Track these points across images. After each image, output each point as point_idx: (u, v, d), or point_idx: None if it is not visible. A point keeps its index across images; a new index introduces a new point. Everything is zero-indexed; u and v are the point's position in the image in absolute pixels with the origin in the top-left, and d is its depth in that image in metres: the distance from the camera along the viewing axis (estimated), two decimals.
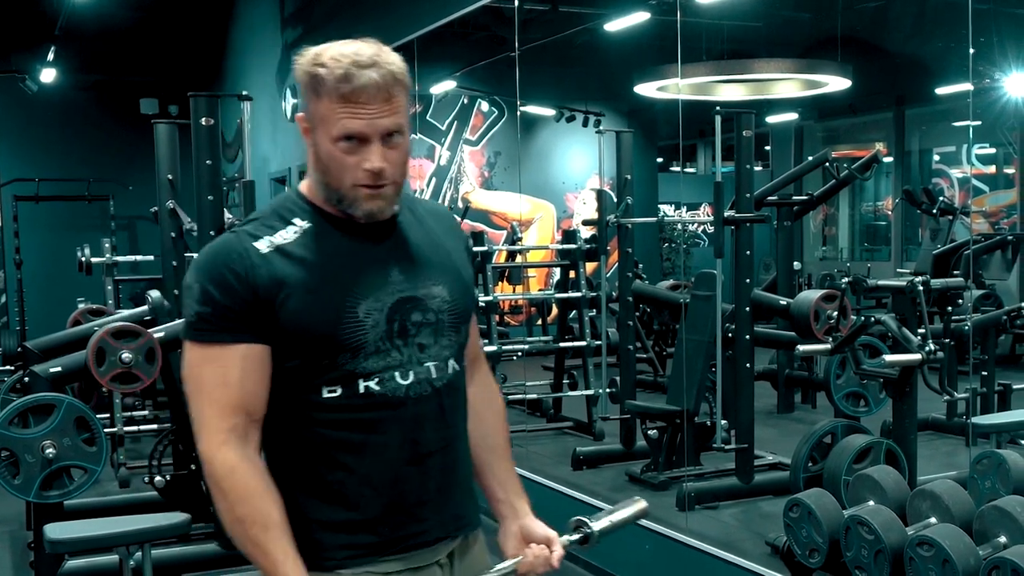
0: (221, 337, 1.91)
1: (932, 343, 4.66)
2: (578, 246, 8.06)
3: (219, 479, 1.89)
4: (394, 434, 1.99)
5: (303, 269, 1.94)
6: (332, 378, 1.95)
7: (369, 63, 1.90)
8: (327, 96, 1.89)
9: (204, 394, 1.92)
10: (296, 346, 1.93)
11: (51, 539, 3.90)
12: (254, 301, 1.91)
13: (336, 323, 1.94)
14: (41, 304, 12.71)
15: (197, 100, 5.36)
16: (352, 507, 1.98)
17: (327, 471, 1.97)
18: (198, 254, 2.02)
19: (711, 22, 9.05)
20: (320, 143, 1.93)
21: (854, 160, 8.58)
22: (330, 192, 1.97)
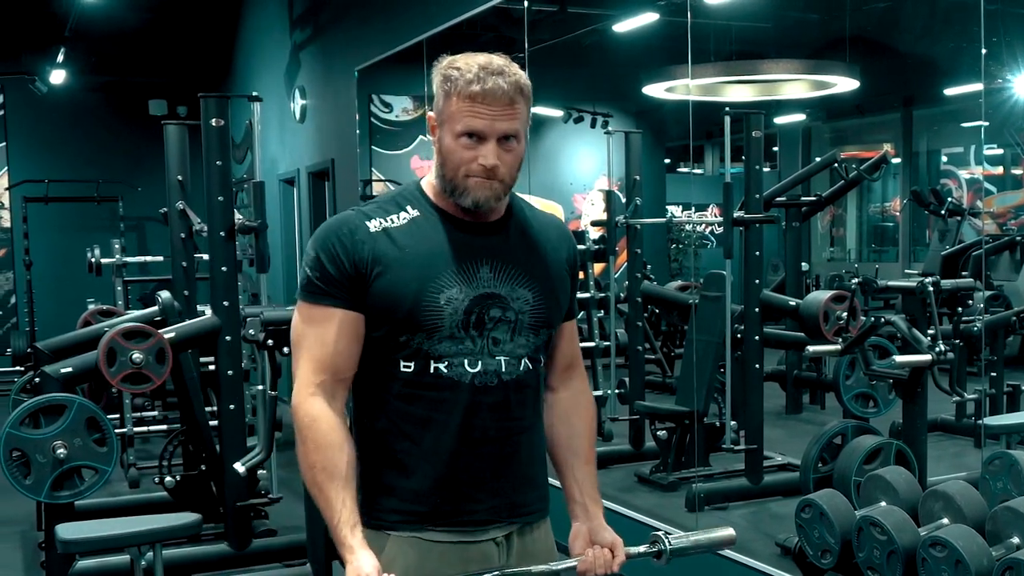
0: (324, 300, 2.15)
1: (942, 344, 4.65)
2: (587, 247, 8.05)
3: (302, 427, 2.13)
4: (454, 416, 2.17)
5: (401, 251, 2.15)
6: (408, 354, 2.16)
7: (498, 71, 2.12)
8: (456, 96, 2.11)
9: (303, 349, 2.17)
10: (381, 319, 2.15)
11: (63, 539, 3.91)
12: (354, 273, 2.13)
13: (416, 304, 2.13)
14: (51, 305, 12.72)
15: (207, 101, 5.38)
16: (410, 476, 2.18)
17: (395, 439, 2.18)
18: (321, 225, 2.21)
19: (719, 23, 9.03)
20: (444, 138, 2.16)
21: (862, 161, 8.58)
22: (445, 182, 2.18)
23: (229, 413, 5.42)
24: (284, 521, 6.03)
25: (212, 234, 5.43)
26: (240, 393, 5.47)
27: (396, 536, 2.18)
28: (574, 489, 2.36)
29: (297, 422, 2.13)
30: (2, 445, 4.82)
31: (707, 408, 6.24)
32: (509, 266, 2.21)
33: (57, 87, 12.97)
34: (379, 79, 8.71)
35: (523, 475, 2.27)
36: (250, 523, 5.60)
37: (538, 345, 2.25)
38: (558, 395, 2.40)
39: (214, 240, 5.41)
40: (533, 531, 2.32)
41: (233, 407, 5.41)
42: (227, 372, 5.41)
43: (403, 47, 7.68)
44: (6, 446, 4.83)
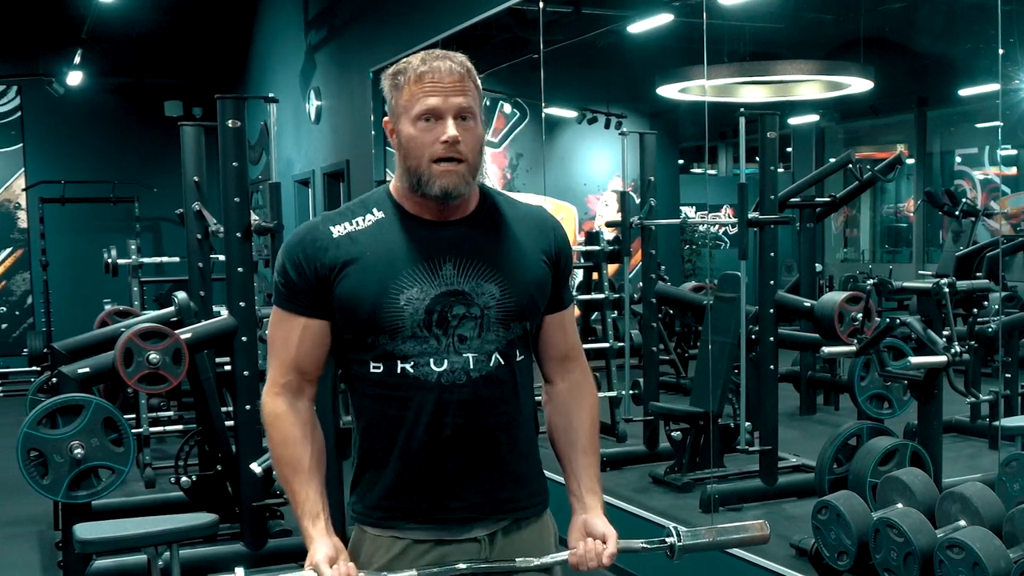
0: (290, 307, 2.21)
1: (957, 345, 4.65)
2: (601, 248, 8.07)
3: (267, 424, 2.23)
4: (423, 415, 2.17)
5: (363, 254, 2.17)
6: (376, 355, 2.18)
7: (442, 56, 2.16)
8: (407, 84, 2.15)
9: (272, 351, 2.24)
10: (346, 322, 2.18)
11: (81, 539, 3.93)
12: (315, 281, 2.17)
13: (377, 306, 2.15)
14: (67, 305, 12.79)
15: (224, 102, 5.39)
16: (388, 474, 2.21)
17: (374, 438, 2.22)
18: (291, 233, 2.28)
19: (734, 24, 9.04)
20: (403, 131, 2.16)
21: (876, 162, 8.56)
22: (410, 176, 2.17)
23: (245, 413, 5.43)
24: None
25: (228, 235, 5.43)
26: (256, 394, 5.48)
27: (374, 535, 2.23)
28: (572, 481, 2.34)
29: (264, 419, 2.23)
30: (20, 445, 4.85)
31: (721, 409, 6.24)
32: (474, 260, 2.19)
33: (74, 88, 13.03)
34: None
35: (508, 471, 2.25)
36: (265, 523, 5.61)
37: (511, 339, 2.22)
38: (555, 387, 2.38)
39: (230, 241, 5.42)
40: (523, 528, 2.28)
41: (249, 407, 5.42)
42: (243, 372, 5.42)
43: (418, 48, 7.67)
44: (24, 446, 4.86)
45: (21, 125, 13.40)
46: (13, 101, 13.35)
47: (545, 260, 2.29)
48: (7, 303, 13.47)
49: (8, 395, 8.73)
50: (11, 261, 13.47)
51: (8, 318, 13.47)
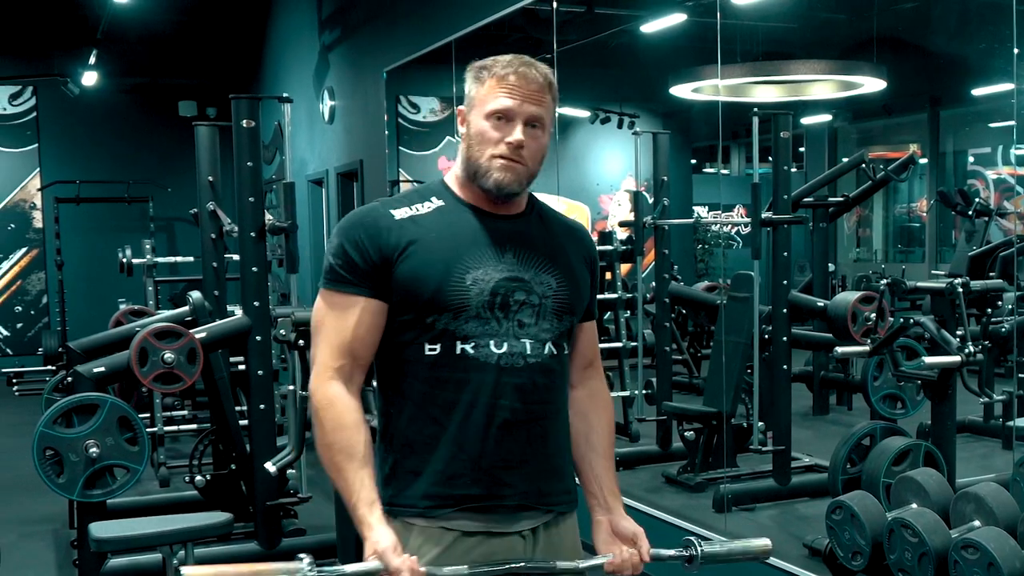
0: (347, 288, 2.19)
1: (971, 345, 4.64)
2: (614, 247, 8.07)
3: (319, 408, 2.17)
4: (481, 396, 2.19)
5: (427, 234, 2.21)
6: (434, 336, 2.19)
7: (530, 63, 2.24)
8: (489, 80, 2.22)
9: (323, 335, 2.21)
10: (407, 302, 2.19)
11: (96, 538, 3.95)
12: (379, 260, 2.18)
13: (442, 284, 2.18)
14: (81, 305, 12.85)
15: (239, 103, 5.41)
16: (438, 461, 2.19)
17: (422, 424, 2.20)
18: (346, 215, 2.28)
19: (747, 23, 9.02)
20: (473, 122, 2.24)
21: (889, 162, 8.55)
22: (469, 165, 2.25)
23: (259, 413, 5.45)
24: (313, 520, 6.07)
25: (243, 234, 5.45)
26: (270, 393, 5.50)
27: (421, 526, 2.19)
28: (593, 484, 2.36)
29: (314, 404, 2.17)
30: (36, 444, 4.88)
31: (735, 409, 6.24)
32: (532, 252, 2.27)
33: (89, 89, 13.08)
34: (407, 80, 8.75)
35: (550, 463, 2.28)
36: (280, 522, 5.63)
37: (562, 331, 2.29)
38: (576, 393, 2.42)
39: (244, 240, 5.43)
40: (559, 525, 2.32)
41: (263, 407, 5.44)
42: (257, 372, 5.44)
43: (431, 48, 7.71)
44: (40, 445, 4.89)
45: (36, 125, 13.46)
46: (28, 101, 13.41)
47: (587, 266, 2.40)
48: (22, 303, 13.53)
49: (23, 394, 8.78)
50: (26, 261, 13.53)
51: (23, 317, 13.53)
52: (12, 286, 13.51)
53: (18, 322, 13.51)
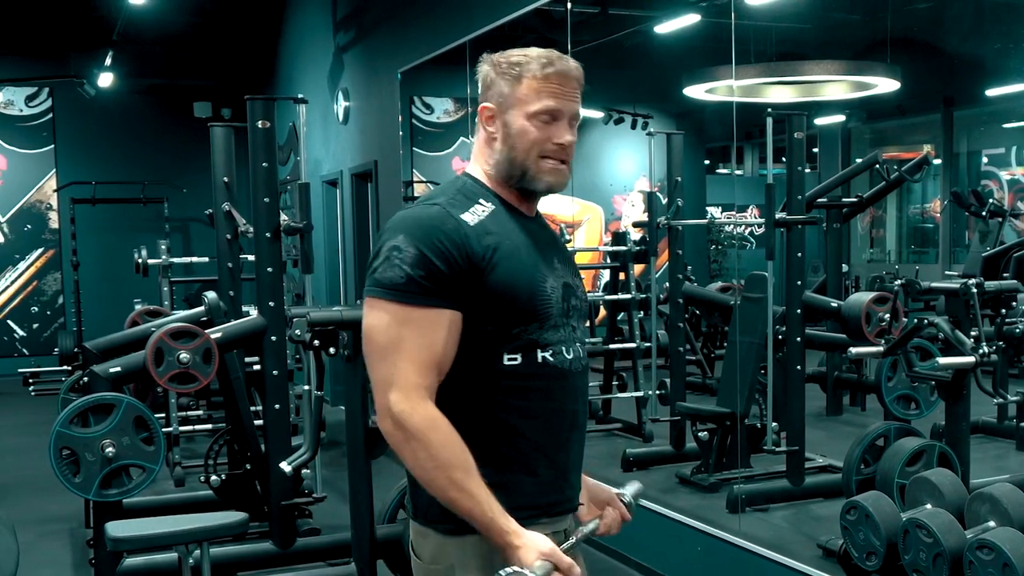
0: (431, 301, 2.05)
1: (985, 346, 4.63)
2: (628, 248, 8.08)
3: (422, 429, 2.02)
4: (561, 403, 2.19)
5: (503, 241, 2.13)
6: (516, 346, 2.13)
7: (563, 58, 2.20)
8: (528, 78, 2.17)
9: (403, 352, 2.04)
10: (496, 311, 2.11)
11: (113, 537, 3.97)
12: (468, 269, 2.07)
13: (533, 293, 2.14)
14: (97, 305, 12.91)
15: (254, 103, 5.41)
16: (522, 471, 2.15)
17: (502, 436, 2.14)
18: (398, 220, 2.12)
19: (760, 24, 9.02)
20: (512, 122, 2.18)
21: (902, 162, 8.54)
22: (513, 167, 2.20)
23: (274, 413, 5.46)
24: (328, 520, 6.09)
25: (258, 235, 5.46)
26: (285, 393, 5.51)
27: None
28: None
29: (412, 426, 2.02)
30: (52, 443, 4.90)
31: (748, 409, 6.24)
32: (563, 256, 2.29)
33: (105, 90, 13.13)
34: (421, 81, 8.76)
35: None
36: (294, 522, 5.64)
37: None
38: None
39: (260, 241, 5.44)
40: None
41: (278, 407, 5.45)
42: (272, 372, 5.45)
43: (445, 49, 7.72)
44: (56, 444, 4.91)
45: (52, 126, 13.53)
46: (45, 103, 13.49)
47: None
48: (38, 303, 13.59)
49: (39, 394, 8.80)
50: (42, 261, 13.60)
51: (39, 318, 13.59)
52: (28, 286, 13.57)
53: (34, 322, 13.58)
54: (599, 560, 5.79)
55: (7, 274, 13.50)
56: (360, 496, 4.91)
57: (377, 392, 2.06)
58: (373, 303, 2.08)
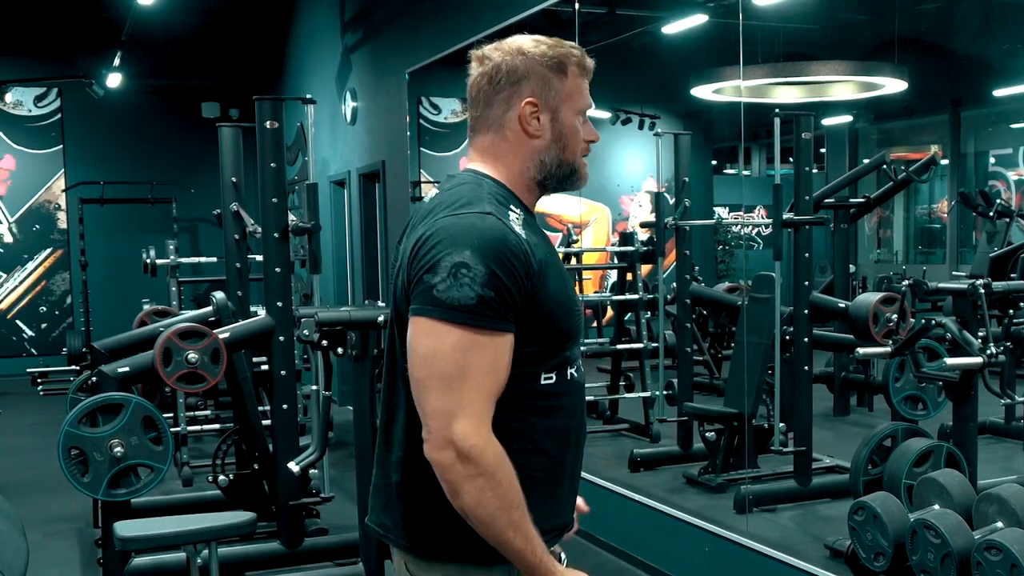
0: (499, 324, 1.89)
1: (993, 346, 4.63)
2: (635, 248, 8.08)
3: (496, 466, 1.88)
4: (581, 419, 2.11)
5: (546, 254, 1.99)
6: (553, 364, 2.01)
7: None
8: (574, 73, 2.06)
9: (470, 380, 1.87)
10: (546, 330, 1.97)
11: (121, 537, 3.98)
12: (530, 288, 1.92)
13: (572, 308, 2.03)
14: (105, 305, 12.93)
15: (262, 104, 5.43)
16: (548, 493, 2.05)
17: (536, 460, 2.01)
18: (458, 232, 1.91)
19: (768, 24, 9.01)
20: (564, 119, 2.07)
21: (910, 163, 8.54)
22: (564, 168, 2.09)
23: (282, 413, 5.47)
24: (336, 520, 6.10)
25: (266, 235, 5.47)
26: (293, 393, 5.52)
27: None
28: None
29: (484, 462, 1.86)
30: (61, 443, 4.91)
31: (755, 410, 6.24)
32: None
33: (113, 90, 13.15)
34: (429, 82, 8.78)
35: None
36: (302, 522, 5.65)
37: None
38: None
39: (268, 241, 5.45)
40: None
41: (286, 407, 5.46)
42: (280, 372, 5.46)
43: (453, 50, 7.73)
44: (65, 444, 4.92)
45: (61, 127, 13.55)
46: (53, 103, 13.51)
47: None
48: (47, 303, 13.62)
49: (48, 394, 8.83)
50: (51, 261, 13.63)
51: (48, 318, 13.62)
52: (37, 286, 13.60)
53: (43, 322, 13.61)
54: (606, 560, 5.79)
55: (16, 274, 13.52)
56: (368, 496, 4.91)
57: (434, 420, 1.88)
58: (434, 325, 1.88)
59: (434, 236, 1.92)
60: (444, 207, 1.98)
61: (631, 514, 5.79)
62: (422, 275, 1.91)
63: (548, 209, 11.06)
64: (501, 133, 2.07)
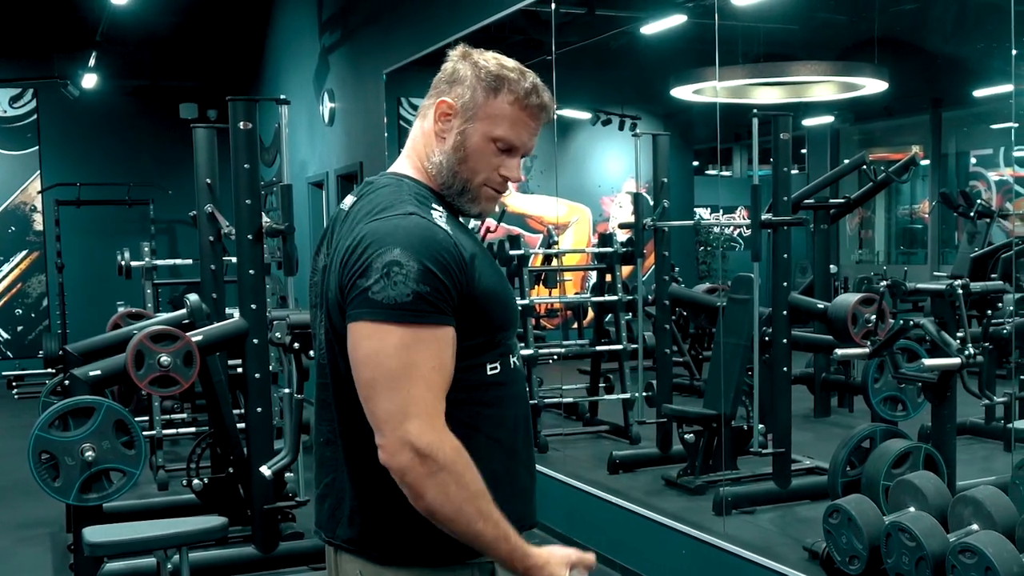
0: (438, 318, 1.88)
1: (972, 347, 4.62)
2: (614, 249, 8.05)
3: (454, 461, 1.87)
4: (526, 408, 2.11)
5: (474, 248, 1.99)
6: (496, 354, 2.02)
7: (545, 88, 2.07)
8: (507, 98, 2.03)
9: (418, 377, 1.86)
10: (485, 321, 1.98)
11: (91, 542, 3.94)
12: (464, 281, 1.92)
13: (508, 297, 2.06)
14: (82, 307, 12.85)
15: (235, 104, 5.39)
16: (509, 484, 2.03)
17: (491, 451, 2.00)
18: (384, 233, 1.91)
19: (747, 25, 9.01)
20: (472, 135, 2.04)
21: (890, 163, 8.53)
22: (456, 181, 2.06)
23: (256, 416, 5.43)
24: (311, 524, 6.03)
25: (240, 237, 5.44)
26: (268, 396, 5.48)
27: (478, 563, 2.02)
28: None
29: (442, 457, 1.85)
30: (31, 447, 4.86)
31: (735, 411, 6.22)
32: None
33: (89, 91, 13.07)
34: (407, 82, 8.72)
35: None
36: (277, 526, 5.61)
37: None
38: None
39: (242, 243, 5.42)
40: None
41: (261, 410, 5.43)
42: (255, 375, 5.42)
43: (431, 50, 7.69)
44: (35, 448, 4.87)
45: (37, 128, 13.46)
46: (29, 104, 13.41)
47: None
48: (23, 305, 13.52)
49: (23, 397, 8.78)
50: (27, 263, 13.53)
51: (24, 320, 13.53)
52: (12, 289, 13.50)
53: (19, 325, 13.51)
54: None
55: None
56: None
57: (386, 425, 1.87)
58: (374, 327, 1.87)
59: (362, 242, 1.92)
60: (365, 213, 1.99)
61: (610, 516, 5.76)
62: (355, 280, 1.91)
63: (529, 210, 11.05)
64: (423, 122, 2.12)
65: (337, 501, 2.10)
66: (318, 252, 2.15)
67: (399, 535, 1.99)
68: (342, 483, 2.08)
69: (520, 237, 8.30)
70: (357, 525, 2.05)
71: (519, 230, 9.85)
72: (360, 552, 2.05)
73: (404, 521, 1.94)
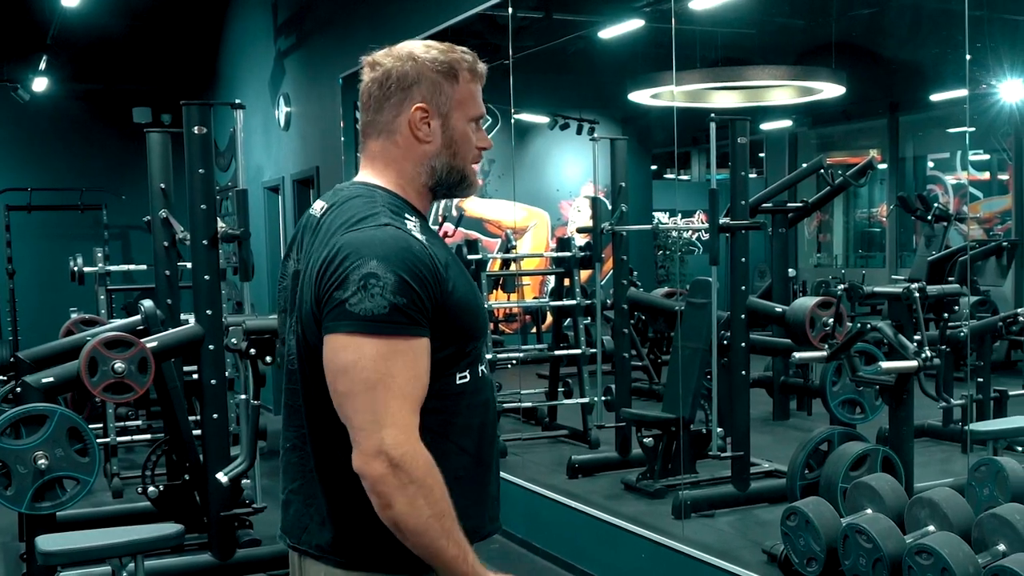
0: (413, 330, 1.89)
1: (928, 350, 4.64)
2: (573, 254, 8.04)
3: (424, 474, 1.87)
4: (493, 413, 2.11)
5: (448, 257, 2.00)
6: (466, 363, 2.02)
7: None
8: (465, 77, 2.06)
9: (394, 388, 1.86)
10: (458, 333, 1.98)
11: (44, 551, 3.90)
12: (439, 291, 1.92)
13: (479, 306, 2.06)
14: (34, 314, 12.69)
15: (190, 109, 5.34)
16: (474, 494, 2.06)
17: (459, 460, 2.02)
18: (360, 244, 1.91)
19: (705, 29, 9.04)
20: (455, 125, 2.06)
21: (848, 167, 8.58)
22: (454, 174, 2.09)
23: (212, 422, 5.38)
24: (269, 531, 5.99)
25: (195, 242, 5.39)
26: (224, 402, 5.43)
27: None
28: None
29: (414, 470, 1.86)
30: None
31: (693, 415, 6.22)
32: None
33: (40, 95, 12.93)
34: None
35: None
36: (234, 533, 5.56)
37: None
38: None
39: (197, 248, 5.37)
40: None
41: (216, 416, 5.38)
42: (210, 381, 5.37)
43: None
44: None
45: None
46: None
47: None
48: None
49: None
50: None
51: None
52: None
53: None
54: (543, 568, 5.74)
55: None
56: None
57: (362, 433, 1.86)
58: (351, 339, 1.87)
59: (339, 253, 1.91)
60: (340, 224, 1.98)
61: (569, 521, 5.75)
62: (332, 292, 1.90)
63: (486, 215, 11.02)
64: (392, 139, 2.08)
65: (304, 507, 2.08)
66: (287, 256, 2.13)
67: (371, 541, 1.98)
68: (311, 489, 2.07)
69: (478, 242, 8.28)
70: (329, 531, 2.04)
71: (477, 234, 9.82)
72: (328, 558, 2.04)
73: (377, 527, 1.92)
